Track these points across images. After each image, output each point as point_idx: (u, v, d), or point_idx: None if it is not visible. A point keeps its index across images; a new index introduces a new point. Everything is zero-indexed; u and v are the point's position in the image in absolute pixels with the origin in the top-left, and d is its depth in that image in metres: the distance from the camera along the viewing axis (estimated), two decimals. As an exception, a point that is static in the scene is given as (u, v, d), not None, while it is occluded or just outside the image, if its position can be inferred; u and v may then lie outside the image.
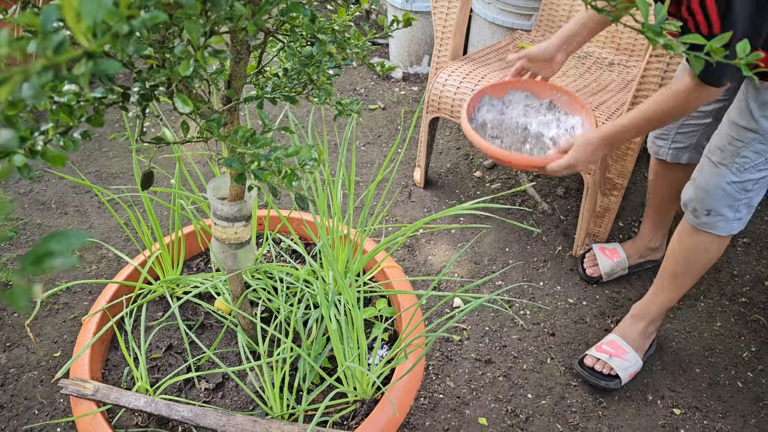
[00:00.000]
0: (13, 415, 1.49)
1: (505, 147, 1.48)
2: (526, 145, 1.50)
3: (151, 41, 0.57)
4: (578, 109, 1.52)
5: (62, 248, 0.23)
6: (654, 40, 0.49)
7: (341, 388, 1.05)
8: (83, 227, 2.03)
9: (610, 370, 1.56)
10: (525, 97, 1.58)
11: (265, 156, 0.65)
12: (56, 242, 0.23)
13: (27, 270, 0.23)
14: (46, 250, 0.23)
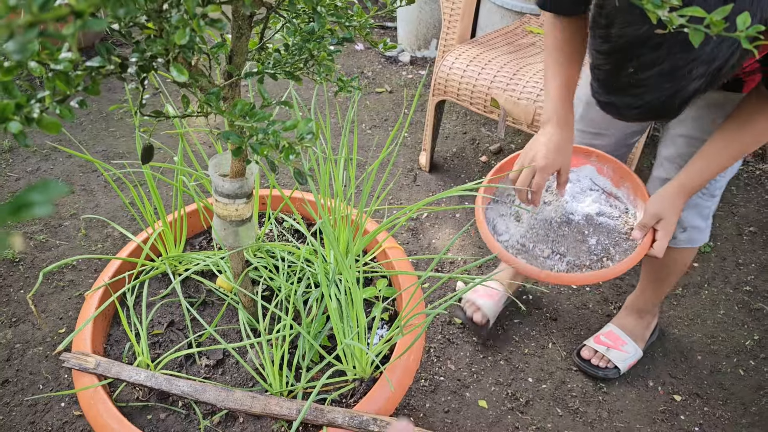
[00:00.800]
0: (18, 389, 1.51)
1: (562, 257, 1.20)
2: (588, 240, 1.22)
3: (149, 10, 0.57)
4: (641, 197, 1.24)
5: (43, 198, 0.23)
6: (654, 13, 0.48)
7: (340, 366, 1.06)
8: (89, 206, 2.04)
9: (608, 363, 1.55)
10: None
11: (263, 129, 0.65)
12: (38, 192, 0.23)
13: (5, 218, 0.23)
14: (27, 199, 0.23)
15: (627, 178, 1.28)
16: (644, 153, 2.28)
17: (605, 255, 1.20)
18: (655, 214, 1.16)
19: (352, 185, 1.20)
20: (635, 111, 0.89)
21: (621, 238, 1.23)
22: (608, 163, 1.31)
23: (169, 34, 0.57)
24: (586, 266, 1.19)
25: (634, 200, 1.27)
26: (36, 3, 0.30)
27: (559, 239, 1.22)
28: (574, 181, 1.32)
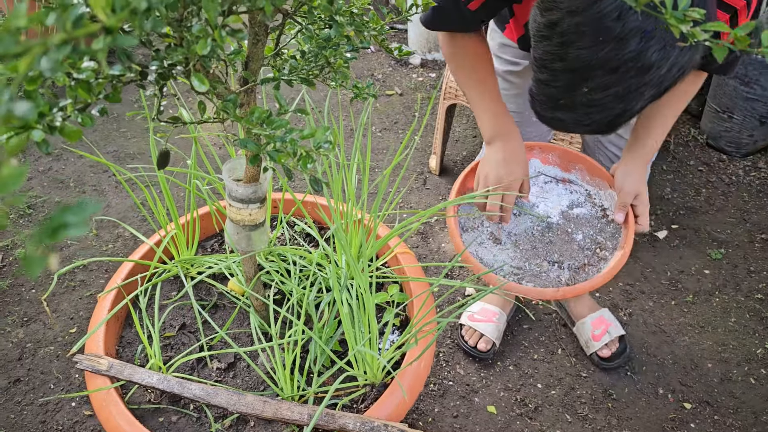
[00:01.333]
0: (29, 388, 1.52)
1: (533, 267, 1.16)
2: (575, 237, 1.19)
3: (169, 19, 0.57)
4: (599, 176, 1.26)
5: (78, 219, 0.24)
6: (677, 27, 0.48)
7: (351, 372, 1.06)
8: (101, 206, 2.05)
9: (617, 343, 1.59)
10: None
11: (280, 137, 0.65)
12: (72, 213, 0.24)
13: (42, 239, 0.23)
14: (63, 220, 0.23)
15: (576, 161, 1.28)
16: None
17: (597, 246, 1.19)
18: (633, 191, 1.16)
19: (365, 190, 1.20)
20: (583, 128, 0.89)
21: (602, 223, 1.22)
22: (552, 152, 1.30)
23: (190, 44, 0.57)
24: (586, 264, 1.17)
25: (591, 180, 1.27)
26: (70, 20, 0.30)
27: (549, 247, 1.19)
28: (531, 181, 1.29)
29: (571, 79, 0.81)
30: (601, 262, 1.17)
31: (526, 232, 1.21)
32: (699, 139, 2.43)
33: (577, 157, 1.27)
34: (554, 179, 1.30)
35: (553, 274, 1.16)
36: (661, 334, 1.70)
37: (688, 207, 2.13)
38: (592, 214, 1.23)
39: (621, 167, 1.20)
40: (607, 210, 1.23)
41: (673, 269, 1.89)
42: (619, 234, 1.20)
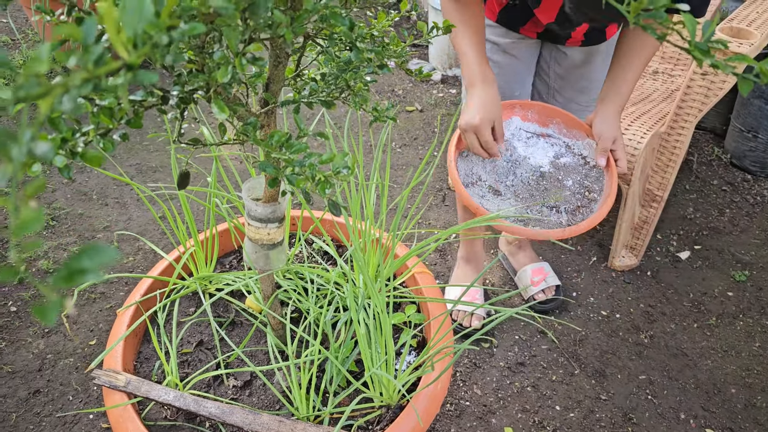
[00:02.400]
0: (48, 399, 1.54)
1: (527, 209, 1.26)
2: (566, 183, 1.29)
3: (191, 46, 0.57)
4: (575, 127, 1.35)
5: (94, 265, 0.24)
6: (700, 59, 0.47)
7: (367, 393, 1.06)
8: (122, 219, 2.08)
9: (553, 290, 1.79)
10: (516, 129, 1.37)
11: (299, 162, 0.65)
12: (88, 259, 0.24)
13: (58, 284, 0.23)
14: (79, 266, 0.23)
15: (554, 115, 1.37)
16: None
17: (585, 190, 1.28)
18: (611, 137, 1.27)
19: (383, 208, 1.20)
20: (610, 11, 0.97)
21: (585, 169, 1.31)
22: (532, 108, 1.38)
23: (211, 70, 0.57)
24: (580, 206, 1.26)
25: (568, 132, 1.36)
26: (91, 59, 0.30)
27: (545, 194, 1.28)
28: (513, 137, 1.37)
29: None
30: (592, 203, 1.27)
31: (523, 182, 1.29)
32: (723, 158, 2.39)
33: (554, 112, 1.37)
34: (534, 134, 1.38)
35: (554, 218, 1.25)
36: (683, 358, 1.67)
37: (712, 227, 2.09)
38: (576, 162, 1.33)
39: (598, 116, 1.29)
40: (586, 158, 1.33)
41: (695, 291, 1.86)
42: (602, 177, 1.29)
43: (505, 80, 1.49)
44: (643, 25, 0.50)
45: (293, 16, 0.63)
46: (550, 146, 1.35)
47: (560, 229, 1.19)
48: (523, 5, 1.32)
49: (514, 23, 1.37)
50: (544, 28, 1.38)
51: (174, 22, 0.40)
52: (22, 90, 0.26)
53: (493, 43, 1.44)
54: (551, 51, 1.50)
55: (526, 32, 1.40)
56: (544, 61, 1.53)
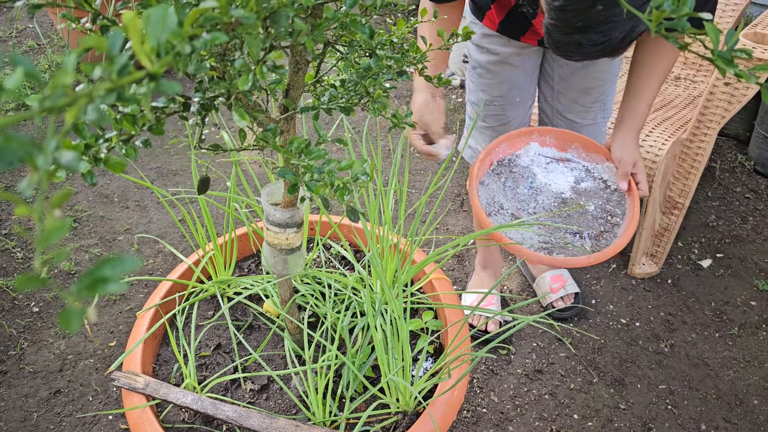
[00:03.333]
0: (69, 400, 1.56)
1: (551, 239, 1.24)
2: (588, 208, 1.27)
3: (212, 53, 0.58)
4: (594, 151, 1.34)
5: (115, 274, 0.24)
6: (723, 69, 0.47)
7: (384, 399, 1.05)
8: (143, 222, 2.10)
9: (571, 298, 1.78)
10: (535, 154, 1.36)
11: (318, 168, 0.65)
12: (110, 268, 0.24)
13: (81, 293, 0.23)
14: (101, 275, 0.24)
15: (572, 140, 1.36)
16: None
17: (608, 214, 1.27)
18: (632, 160, 1.26)
19: (401, 213, 1.20)
20: (598, 47, 0.96)
21: (606, 193, 1.30)
22: (550, 134, 1.37)
23: (232, 78, 0.58)
24: (603, 231, 1.25)
25: (587, 156, 1.35)
26: (116, 70, 0.31)
27: (567, 220, 1.26)
28: (533, 163, 1.36)
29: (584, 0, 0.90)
30: (615, 227, 1.25)
31: (545, 209, 1.28)
32: (746, 165, 2.36)
33: (572, 137, 1.36)
34: (553, 159, 1.37)
35: (578, 244, 1.24)
36: (704, 367, 1.64)
37: (734, 235, 2.06)
38: (597, 186, 1.32)
39: (616, 140, 1.29)
40: (607, 181, 1.31)
41: (717, 300, 1.83)
42: (624, 201, 1.28)
43: (505, 88, 1.50)
44: (664, 34, 0.50)
45: (314, 24, 0.64)
46: (570, 171, 1.34)
47: (585, 256, 1.18)
48: (522, 15, 1.33)
49: (515, 32, 1.38)
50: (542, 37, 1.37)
51: (196, 32, 0.40)
52: (48, 100, 0.27)
53: (494, 54, 1.44)
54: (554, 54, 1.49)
55: (527, 40, 1.40)
56: (548, 64, 1.53)
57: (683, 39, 0.49)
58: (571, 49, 1.00)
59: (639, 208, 1.23)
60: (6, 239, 2.01)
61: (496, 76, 1.47)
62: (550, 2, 0.95)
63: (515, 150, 1.35)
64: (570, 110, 1.55)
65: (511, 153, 1.35)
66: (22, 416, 1.51)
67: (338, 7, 0.69)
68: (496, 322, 1.70)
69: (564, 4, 0.92)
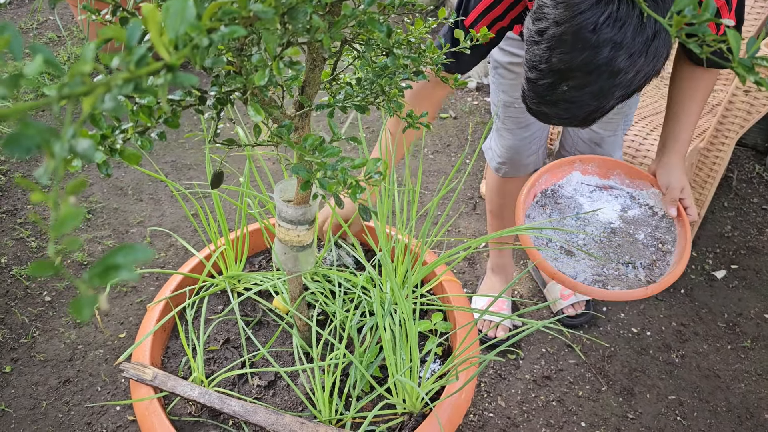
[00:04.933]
0: (78, 389, 1.57)
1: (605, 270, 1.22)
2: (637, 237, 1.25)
3: (230, 47, 0.58)
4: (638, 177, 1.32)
5: (127, 262, 0.24)
6: (744, 76, 0.46)
7: (390, 399, 1.05)
8: (156, 214, 2.11)
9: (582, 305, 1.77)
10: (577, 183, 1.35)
11: (332, 166, 0.65)
12: (122, 256, 0.24)
13: (93, 281, 0.23)
14: (113, 263, 0.24)
15: (614, 167, 1.34)
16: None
17: (658, 242, 1.25)
18: (679, 186, 1.25)
19: (413, 216, 1.20)
20: (563, 120, 1.01)
21: (655, 219, 1.27)
22: (591, 162, 1.36)
23: (249, 73, 0.58)
24: (655, 260, 1.22)
25: (631, 182, 1.33)
26: (133, 61, 0.31)
27: (619, 251, 1.23)
28: (576, 192, 1.34)
29: (554, 79, 0.94)
30: (667, 255, 1.22)
31: (594, 241, 1.25)
32: (764, 176, 2.33)
33: (614, 164, 1.34)
34: (597, 187, 1.36)
35: (632, 275, 1.20)
36: (715, 379, 1.62)
37: (750, 247, 2.04)
38: (644, 214, 1.29)
39: (661, 166, 1.28)
40: (653, 207, 1.29)
41: (731, 311, 1.81)
42: (672, 227, 1.26)
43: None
44: (684, 40, 0.49)
45: (331, 21, 0.64)
46: (615, 198, 1.32)
47: (642, 288, 1.15)
48: None
49: None
50: None
51: (215, 25, 0.41)
52: (66, 88, 0.27)
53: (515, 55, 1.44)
54: None
55: None
56: None
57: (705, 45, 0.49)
58: (540, 116, 1.05)
59: (690, 235, 1.20)
60: (21, 228, 2.03)
61: (517, 77, 1.48)
62: (526, 72, 1.00)
63: (557, 180, 1.33)
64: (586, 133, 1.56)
65: (553, 183, 1.33)
66: (32, 404, 1.53)
67: (356, 4, 0.69)
68: (505, 328, 1.69)
69: (535, 78, 0.97)
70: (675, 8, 0.49)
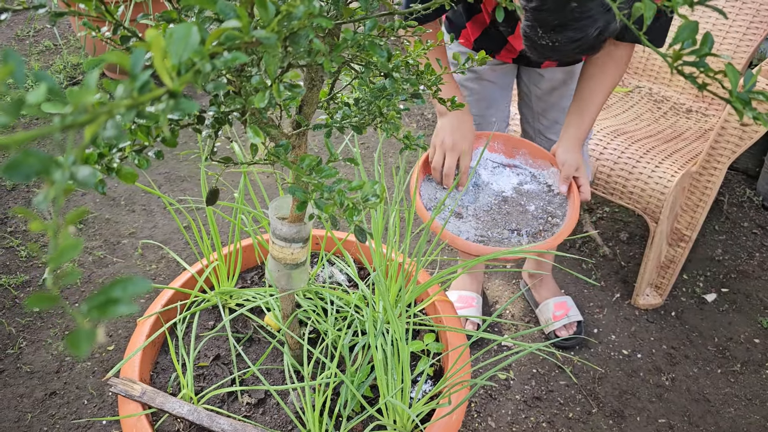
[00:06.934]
0: (64, 402, 1.55)
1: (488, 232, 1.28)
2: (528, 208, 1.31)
3: (230, 69, 0.58)
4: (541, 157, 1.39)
5: (126, 295, 0.24)
6: (741, 112, 0.46)
7: (381, 420, 1.04)
8: (148, 226, 2.10)
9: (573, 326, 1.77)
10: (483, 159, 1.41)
11: (328, 187, 0.65)
12: (121, 289, 0.24)
13: (91, 314, 0.23)
14: (111, 296, 0.23)
15: (520, 146, 1.41)
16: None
17: (548, 215, 1.31)
18: (574, 165, 1.31)
19: (408, 234, 1.20)
20: (575, 45, 0.99)
21: (549, 196, 1.34)
22: (497, 139, 1.42)
23: (248, 94, 0.58)
24: (541, 230, 1.28)
25: (534, 162, 1.40)
26: (136, 87, 0.31)
27: (507, 218, 1.30)
28: (479, 166, 1.40)
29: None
30: (554, 227, 1.29)
31: (485, 206, 1.32)
32: (754, 200, 2.35)
33: (519, 143, 1.40)
34: (501, 165, 1.42)
35: (514, 240, 1.27)
36: (705, 403, 1.62)
37: (740, 270, 2.05)
38: (540, 189, 1.36)
39: (561, 146, 1.34)
40: (551, 186, 1.36)
41: (721, 335, 1.82)
42: (565, 204, 1.33)
43: (483, 107, 1.54)
44: (683, 73, 0.50)
45: (332, 44, 0.64)
46: (516, 175, 1.39)
47: (518, 247, 1.22)
48: (498, 33, 1.37)
49: (491, 49, 1.42)
50: (518, 53, 1.42)
51: (217, 50, 0.41)
52: (70, 117, 0.27)
53: (470, 71, 1.49)
54: (530, 74, 1.55)
55: (502, 58, 1.44)
56: (525, 85, 1.58)
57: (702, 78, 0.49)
58: (547, 50, 1.03)
59: (579, 210, 1.28)
60: (11, 237, 2.01)
61: (473, 93, 1.52)
62: (525, 4, 0.98)
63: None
64: (550, 130, 1.60)
65: None
66: (16, 416, 1.51)
67: (356, 27, 0.69)
68: (475, 323, 1.75)
69: (539, 5, 0.95)
70: (673, 42, 0.49)
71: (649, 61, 2.11)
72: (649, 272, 1.81)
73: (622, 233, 2.18)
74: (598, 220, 2.24)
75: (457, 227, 1.27)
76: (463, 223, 1.29)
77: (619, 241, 2.15)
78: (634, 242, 2.15)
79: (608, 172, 1.69)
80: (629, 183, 1.66)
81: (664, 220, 1.65)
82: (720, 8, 0.49)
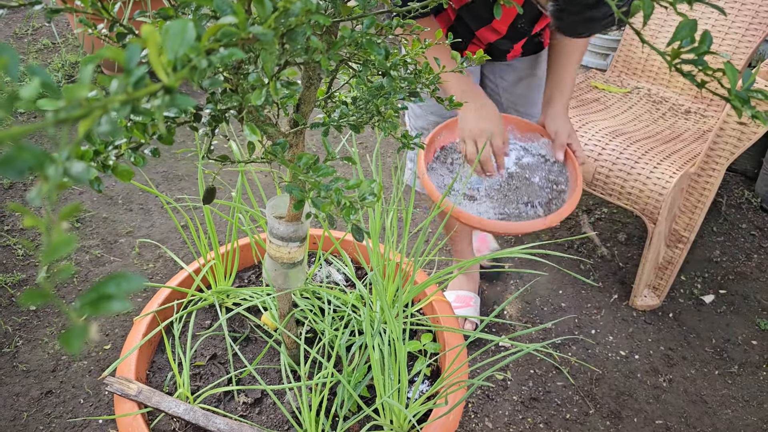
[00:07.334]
0: (60, 401, 1.54)
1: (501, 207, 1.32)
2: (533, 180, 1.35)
3: (227, 66, 0.58)
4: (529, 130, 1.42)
5: (119, 292, 0.23)
6: (740, 110, 0.46)
7: (378, 420, 1.04)
8: (145, 225, 2.10)
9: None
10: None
11: (326, 186, 0.65)
12: (114, 285, 0.24)
13: (84, 311, 0.23)
14: (104, 293, 0.23)
15: (506, 122, 1.41)
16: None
17: (552, 183, 1.35)
18: (566, 132, 1.35)
19: (405, 234, 1.20)
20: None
21: (547, 165, 1.38)
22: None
23: (245, 92, 0.58)
24: (551, 199, 1.33)
25: (522, 136, 1.43)
26: (131, 83, 0.31)
27: (517, 192, 1.33)
28: None
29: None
30: (562, 194, 1.33)
31: (493, 185, 1.35)
32: (753, 201, 2.35)
33: (506, 119, 1.42)
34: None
35: (531, 212, 1.30)
36: (702, 405, 1.62)
37: (738, 272, 2.05)
38: (537, 161, 1.40)
39: (548, 116, 1.38)
40: (545, 156, 1.40)
41: (718, 337, 1.82)
42: (564, 170, 1.37)
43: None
44: (681, 71, 0.50)
45: (329, 42, 0.64)
46: (510, 150, 1.42)
47: (540, 219, 1.25)
48: (464, 27, 1.39)
49: (457, 46, 1.44)
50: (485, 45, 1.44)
51: (214, 46, 0.40)
52: (63, 111, 0.27)
53: None
54: (494, 68, 1.57)
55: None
56: (490, 81, 1.60)
57: (700, 76, 0.49)
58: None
59: (581, 174, 1.32)
60: (8, 235, 2.01)
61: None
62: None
63: (456, 137, 1.42)
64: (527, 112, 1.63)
65: (452, 141, 1.42)
66: (12, 415, 1.50)
67: (354, 24, 0.69)
68: (473, 323, 1.75)
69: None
70: (672, 41, 0.49)
71: (648, 62, 2.11)
72: (647, 273, 1.81)
73: (621, 234, 2.18)
74: (597, 220, 2.24)
75: (477, 210, 1.29)
76: (479, 205, 1.31)
77: (617, 242, 2.15)
78: (633, 243, 2.15)
79: (607, 173, 1.69)
80: (627, 184, 1.66)
81: (663, 221, 1.65)
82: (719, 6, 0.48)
